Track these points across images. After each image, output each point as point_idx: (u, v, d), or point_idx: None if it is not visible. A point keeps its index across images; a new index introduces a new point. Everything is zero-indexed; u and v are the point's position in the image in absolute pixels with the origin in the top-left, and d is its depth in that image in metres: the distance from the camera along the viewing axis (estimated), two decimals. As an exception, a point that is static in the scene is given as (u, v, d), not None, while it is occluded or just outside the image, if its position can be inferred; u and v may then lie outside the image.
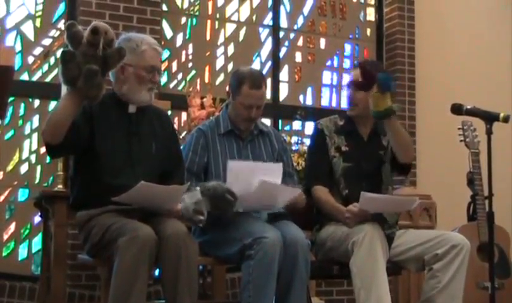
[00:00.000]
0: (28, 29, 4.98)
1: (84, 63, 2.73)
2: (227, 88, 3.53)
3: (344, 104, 5.95)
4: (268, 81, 5.63)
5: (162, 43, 5.21)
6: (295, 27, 5.89)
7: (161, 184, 3.08)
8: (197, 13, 5.54)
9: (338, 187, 3.49)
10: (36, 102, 4.93)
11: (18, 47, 4.91)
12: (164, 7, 5.34)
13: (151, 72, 3.11)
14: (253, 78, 3.39)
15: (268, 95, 5.63)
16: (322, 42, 5.98)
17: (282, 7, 5.81)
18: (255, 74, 3.44)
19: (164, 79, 5.29)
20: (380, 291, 3.10)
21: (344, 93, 5.96)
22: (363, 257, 3.14)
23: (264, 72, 5.59)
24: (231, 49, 5.61)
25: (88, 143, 3.01)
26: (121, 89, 3.12)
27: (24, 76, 4.92)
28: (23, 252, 4.80)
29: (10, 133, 4.84)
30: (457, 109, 3.28)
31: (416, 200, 3.40)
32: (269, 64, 5.72)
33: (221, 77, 5.50)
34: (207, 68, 5.52)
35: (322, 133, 3.58)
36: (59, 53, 4.95)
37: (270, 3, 5.77)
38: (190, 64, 5.45)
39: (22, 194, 4.84)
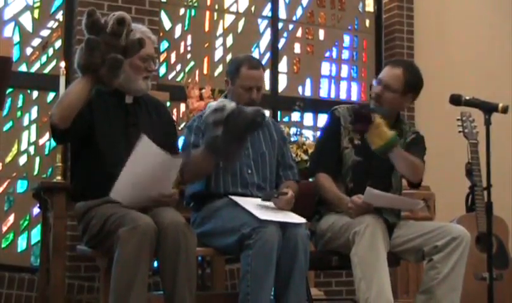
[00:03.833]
0: (26, 21, 4.97)
1: (106, 52, 2.81)
2: (225, 78, 3.54)
3: (342, 95, 5.99)
4: (267, 73, 5.63)
5: (161, 34, 5.20)
6: (294, 18, 5.88)
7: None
8: (196, 4, 5.53)
9: (344, 179, 3.47)
10: (35, 94, 4.93)
11: (16, 38, 4.89)
12: (163, -2, 5.33)
13: (146, 61, 3.11)
14: (251, 60, 3.47)
15: (267, 86, 5.63)
16: (321, 33, 5.98)
17: (281, -2, 5.81)
18: (252, 57, 3.54)
19: (162, 71, 5.29)
20: (381, 282, 3.10)
21: (343, 85, 5.98)
22: (364, 247, 3.13)
23: (263, 63, 5.58)
24: (229, 40, 5.60)
25: (87, 131, 3.01)
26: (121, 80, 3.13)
27: (23, 67, 4.92)
28: (22, 244, 4.80)
29: (9, 124, 4.84)
30: (456, 100, 3.28)
31: (420, 203, 3.40)
32: (268, 55, 5.72)
33: (220, 69, 5.49)
34: (205, 59, 5.51)
35: (337, 121, 3.51)
36: (57, 44, 4.98)
37: (268, -6, 5.77)
38: (189, 55, 5.45)
39: (21, 186, 4.84)
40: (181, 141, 3.52)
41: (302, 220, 3.17)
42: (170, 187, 3.07)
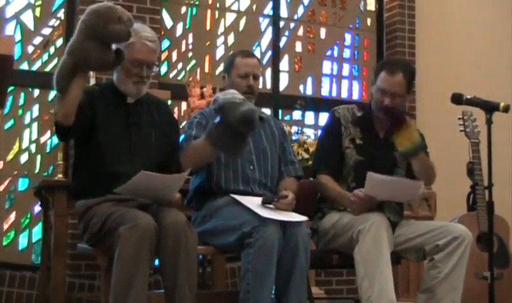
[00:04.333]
0: (28, 19, 4.97)
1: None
2: (222, 74, 3.56)
3: (344, 94, 5.99)
4: (268, 71, 5.64)
5: (162, 32, 5.20)
6: (295, 17, 5.88)
7: (160, 172, 3.09)
8: (197, 3, 5.53)
9: (346, 179, 3.47)
10: (36, 92, 4.93)
11: (18, 37, 4.90)
12: (164, -3, 5.33)
13: (137, 66, 3.08)
14: (245, 51, 3.59)
15: (269, 84, 5.64)
16: (322, 32, 5.98)
17: (282, -3, 5.81)
18: (245, 49, 3.67)
19: (163, 69, 5.29)
20: (383, 281, 3.10)
21: (344, 83, 5.98)
22: (368, 246, 3.13)
23: (264, 62, 5.60)
24: (231, 39, 5.60)
25: (90, 127, 3.01)
26: (113, 79, 3.15)
27: (24, 66, 4.92)
28: (23, 242, 4.80)
29: (10, 123, 4.84)
30: (457, 99, 3.28)
31: (421, 184, 3.37)
32: (269, 53, 5.72)
33: (221, 67, 5.46)
34: (207, 58, 5.51)
35: (338, 121, 3.53)
36: (59, 42, 4.98)
37: (270, -7, 5.77)
38: (190, 54, 5.45)
39: (22, 184, 4.84)
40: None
41: (303, 218, 3.18)
42: (175, 195, 3.09)
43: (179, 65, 5.39)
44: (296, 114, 5.65)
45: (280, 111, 5.65)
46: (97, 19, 2.81)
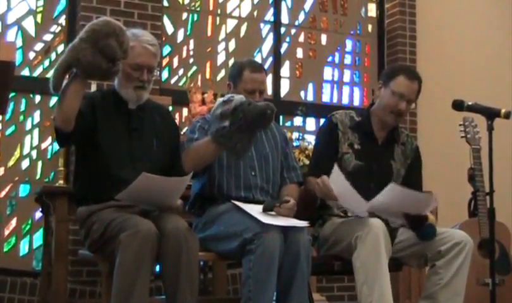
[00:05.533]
0: (29, 25, 4.98)
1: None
2: (227, 82, 3.54)
3: (345, 100, 5.99)
4: (270, 77, 5.63)
5: (163, 38, 5.21)
6: (296, 23, 5.89)
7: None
8: (198, 9, 5.54)
9: None
10: (38, 98, 4.93)
11: (19, 43, 4.91)
12: (165, 3, 5.34)
13: (137, 70, 3.07)
14: (253, 64, 3.51)
15: (270, 90, 5.63)
16: (323, 38, 5.98)
17: (283, 3, 5.81)
18: (254, 61, 3.59)
19: (165, 75, 5.29)
20: (383, 287, 3.08)
21: (345, 89, 5.98)
22: (366, 252, 3.12)
23: (265, 68, 5.59)
24: (232, 45, 5.61)
25: (91, 133, 3.01)
26: (115, 84, 3.15)
27: (25, 72, 4.93)
28: (24, 248, 4.80)
29: (11, 129, 4.84)
30: (458, 105, 3.28)
31: (433, 198, 3.31)
32: (270, 59, 5.72)
33: (222, 73, 5.49)
34: (208, 64, 5.52)
35: (335, 127, 3.51)
36: (60, 48, 4.99)
37: (271, -1, 5.78)
38: (191, 60, 5.45)
39: (23, 190, 4.84)
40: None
41: (305, 224, 3.17)
42: (177, 200, 3.09)
43: (180, 72, 5.40)
44: (297, 120, 5.65)
45: (281, 117, 5.65)
46: (103, 27, 2.81)
